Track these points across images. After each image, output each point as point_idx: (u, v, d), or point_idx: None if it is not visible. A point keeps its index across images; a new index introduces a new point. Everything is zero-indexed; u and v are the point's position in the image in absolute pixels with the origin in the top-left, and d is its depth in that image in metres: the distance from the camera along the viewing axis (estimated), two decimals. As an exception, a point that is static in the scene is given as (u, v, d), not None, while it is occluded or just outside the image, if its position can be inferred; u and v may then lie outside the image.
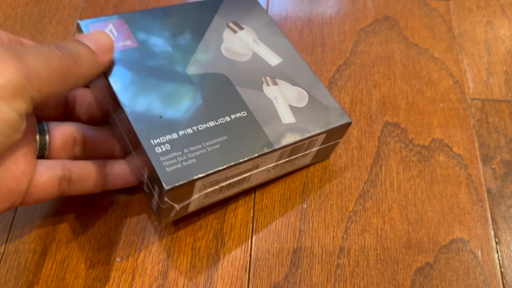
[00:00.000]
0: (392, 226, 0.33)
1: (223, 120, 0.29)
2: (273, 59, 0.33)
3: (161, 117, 0.28)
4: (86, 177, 0.29)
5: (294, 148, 0.31)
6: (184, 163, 0.27)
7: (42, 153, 0.28)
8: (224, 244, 0.32)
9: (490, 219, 0.33)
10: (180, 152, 0.27)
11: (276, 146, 0.29)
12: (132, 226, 0.32)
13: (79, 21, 0.29)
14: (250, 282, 0.30)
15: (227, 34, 0.34)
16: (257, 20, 0.35)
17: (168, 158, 0.27)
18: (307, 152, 0.33)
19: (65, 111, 0.32)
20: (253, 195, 0.34)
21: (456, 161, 0.36)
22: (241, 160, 0.28)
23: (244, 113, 0.30)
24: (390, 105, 0.38)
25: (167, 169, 0.27)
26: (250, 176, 0.31)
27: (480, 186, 0.35)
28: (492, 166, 0.36)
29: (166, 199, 0.27)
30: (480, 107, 0.39)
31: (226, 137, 0.29)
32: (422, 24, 0.43)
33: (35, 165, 0.27)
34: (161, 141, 0.28)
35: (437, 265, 0.31)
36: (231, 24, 0.34)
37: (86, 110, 0.32)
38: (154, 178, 0.27)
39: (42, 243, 0.31)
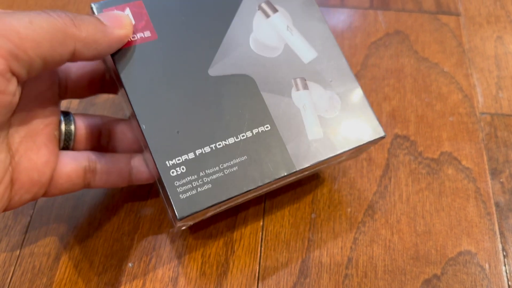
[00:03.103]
0: (400, 238, 0.33)
1: (244, 136, 0.27)
2: (307, 54, 0.30)
3: (178, 132, 0.27)
4: (111, 169, 0.29)
5: (317, 164, 0.29)
6: (199, 189, 0.26)
7: (68, 144, 0.28)
8: (234, 252, 0.32)
9: (498, 233, 0.33)
10: (195, 176, 0.26)
11: (298, 169, 0.28)
12: (144, 232, 0.33)
13: (92, 4, 0.27)
14: (259, 290, 0.31)
15: (258, 19, 0.30)
16: None
17: (183, 183, 0.26)
18: (331, 163, 0.31)
19: (102, 88, 0.31)
20: (263, 204, 0.34)
21: (465, 174, 0.36)
22: (258, 186, 0.27)
23: (267, 127, 0.28)
24: (400, 118, 0.39)
25: (181, 196, 0.26)
26: (267, 189, 0.30)
27: (488, 200, 0.35)
28: (501, 180, 0.36)
29: (178, 223, 0.27)
30: (489, 121, 0.39)
31: (245, 157, 0.27)
32: (433, 38, 0.44)
33: (57, 155, 0.27)
34: (177, 162, 0.26)
35: (445, 277, 0.32)
36: (263, 5, 0.30)
37: None
38: (167, 199, 0.26)
39: (57, 247, 0.32)
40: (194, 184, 0.26)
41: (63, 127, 0.28)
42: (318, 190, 0.35)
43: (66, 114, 0.29)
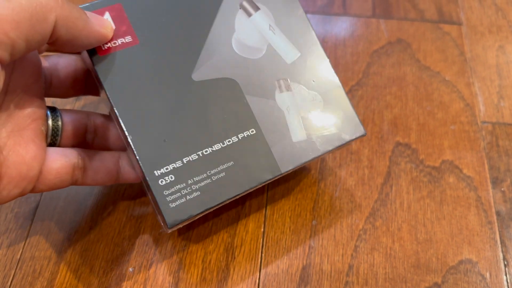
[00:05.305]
0: (401, 246, 0.33)
1: (230, 141, 0.28)
2: (290, 54, 0.30)
3: (165, 141, 0.27)
4: (100, 167, 0.29)
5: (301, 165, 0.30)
6: (188, 197, 0.26)
7: (55, 139, 0.28)
8: (235, 258, 0.32)
9: (499, 241, 0.33)
10: (184, 184, 0.26)
11: (283, 172, 0.28)
12: (145, 238, 0.33)
13: None
14: (259, 296, 0.31)
15: (239, 19, 0.30)
16: None
17: (172, 192, 0.26)
18: (313, 160, 0.31)
19: (86, 89, 0.31)
20: (264, 211, 0.34)
21: (466, 183, 0.36)
22: (245, 190, 0.28)
23: (252, 131, 0.28)
24: (402, 125, 0.39)
25: (170, 205, 0.26)
26: (254, 189, 0.30)
27: (489, 208, 0.35)
28: (502, 189, 0.36)
29: (169, 230, 0.27)
30: (491, 130, 0.39)
31: (232, 162, 0.28)
32: (434, 47, 0.44)
33: (45, 150, 0.27)
34: (165, 171, 0.26)
35: (445, 285, 0.32)
36: (244, 3, 0.30)
37: None
38: (157, 208, 0.26)
39: (57, 251, 0.32)
40: (183, 192, 0.26)
41: (50, 122, 0.28)
42: (319, 197, 0.35)
43: (53, 110, 0.29)
